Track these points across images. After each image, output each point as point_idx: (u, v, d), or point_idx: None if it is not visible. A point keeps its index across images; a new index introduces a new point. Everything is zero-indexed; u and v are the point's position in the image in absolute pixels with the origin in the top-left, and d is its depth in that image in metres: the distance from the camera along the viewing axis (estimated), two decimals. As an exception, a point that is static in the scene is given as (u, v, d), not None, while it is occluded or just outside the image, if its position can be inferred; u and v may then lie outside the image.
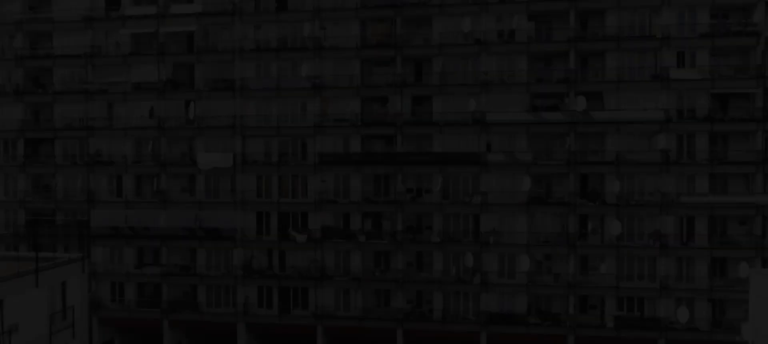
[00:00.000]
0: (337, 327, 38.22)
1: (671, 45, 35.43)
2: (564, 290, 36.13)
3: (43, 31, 41.78)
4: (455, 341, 37.44)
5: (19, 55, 41.37)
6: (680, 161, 35.60)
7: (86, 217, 39.01)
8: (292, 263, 38.91)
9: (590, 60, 37.10)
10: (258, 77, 39.17)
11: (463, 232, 37.59)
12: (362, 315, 37.57)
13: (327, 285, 38.17)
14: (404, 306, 37.26)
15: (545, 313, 36.38)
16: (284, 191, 39.24)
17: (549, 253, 36.98)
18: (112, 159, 40.85)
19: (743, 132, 35.41)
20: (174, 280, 39.86)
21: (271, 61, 39.05)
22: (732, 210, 35.18)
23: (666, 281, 35.18)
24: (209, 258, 39.80)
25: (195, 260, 39.90)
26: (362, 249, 38.01)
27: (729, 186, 35.82)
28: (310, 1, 38.42)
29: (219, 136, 39.54)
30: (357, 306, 37.77)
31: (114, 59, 40.50)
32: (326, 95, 38.47)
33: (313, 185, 38.65)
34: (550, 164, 36.55)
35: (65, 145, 41.43)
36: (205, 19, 39.44)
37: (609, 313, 35.68)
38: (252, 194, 39.31)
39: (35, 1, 42.39)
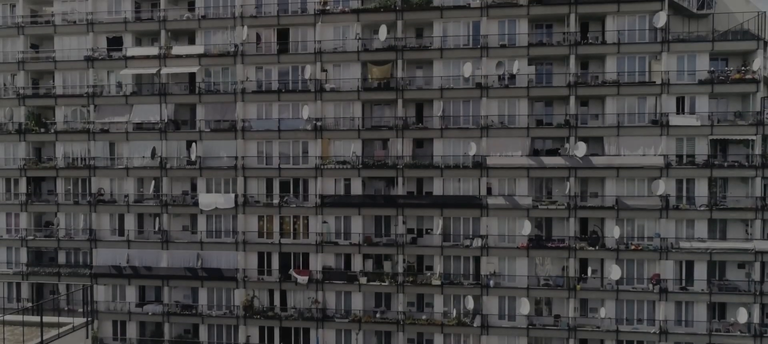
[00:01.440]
0: (338, 367, 38.45)
1: (671, 91, 35.64)
2: (564, 333, 36.34)
3: (45, 70, 41.95)
4: (456, 382, 37.65)
5: (21, 93, 41.53)
6: (680, 207, 35.82)
7: (89, 262, 39.23)
8: (293, 303, 39.10)
9: (591, 103, 37.29)
10: (259, 118, 39.33)
11: (464, 274, 37.81)
12: (363, 356, 37.79)
13: (328, 325, 38.36)
14: (405, 348, 37.47)
15: (545, 356, 36.58)
16: (286, 232, 39.44)
17: (549, 296, 37.19)
18: (114, 198, 41.05)
19: (742, 178, 35.65)
20: (176, 319, 40.02)
21: (273, 103, 39.22)
22: (731, 255, 35.41)
23: (665, 325, 35.41)
24: (211, 298, 39.99)
25: (197, 299, 40.09)
26: (363, 290, 38.20)
27: (728, 231, 36.06)
28: (312, 44, 38.61)
29: (221, 176, 39.70)
30: (358, 348, 37.99)
31: (116, 99, 40.65)
32: (327, 137, 38.65)
33: (314, 226, 38.84)
34: (551, 209, 36.75)
35: (67, 183, 41.58)
36: (206, 61, 39.61)
37: (609, 357, 35.90)
38: (253, 234, 39.52)
39: (37, 40, 42.58)
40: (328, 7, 38.48)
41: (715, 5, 40.47)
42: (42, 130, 41.59)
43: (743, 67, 35.74)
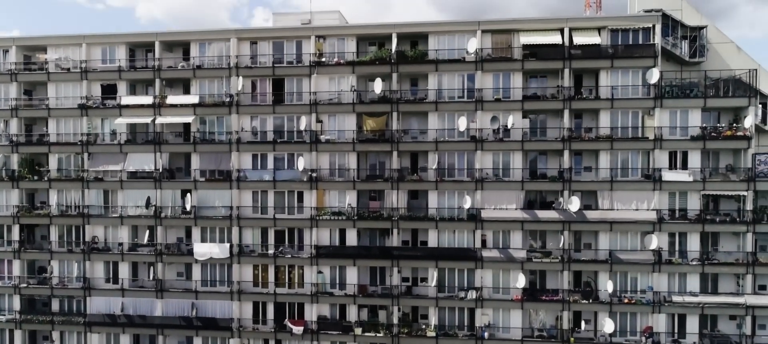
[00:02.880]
0: (333, 418, 38.48)
1: (664, 146, 35.97)
2: (558, 384, 36.57)
3: (39, 116, 41.76)
4: None
5: (14, 140, 41.33)
6: (672, 260, 36.13)
7: (83, 310, 38.96)
8: (288, 353, 39.12)
9: (584, 155, 37.53)
10: (254, 168, 39.33)
11: (458, 325, 37.96)
12: (358, 407, 37.85)
13: (323, 376, 38.43)
14: (400, 400, 37.58)
15: (539, 408, 36.80)
16: (281, 282, 39.46)
17: (543, 348, 37.40)
18: (108, 246, 40.91)
19: (734, 232, 36.02)
20: (170, 368, 39.93)
21: (268, 152, 39.22)
22: (723, 309, 35.76)
23: (658, 378, 35.73)
24: (205, 347, 39.97)
25: (191, 348, 40.05)
26: (358, 341, 38.24)
27: (720, 284, 36.43)
28: (307, 95, 38.67)
29: (216, 225, 39.66)
30: (353, 398, 38.05)
31: (110, 147, 40.53)
32: (323, 187, 38.70)
33: (309, 276, 38.90)
34: (545, 262, 36.98)
35: (61, 231, 41.42)
36: (201, 110, 39.57)
37: (602, 409, 36.18)
38: (248, 284, 39.52)
39: (30, 86, 42.38)
40: (323, 59, 38.55)
41: (707, 53, 40.96)
42: (35, 177, 41.37)
43: (735, 124, 36.12)
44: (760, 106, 40.64)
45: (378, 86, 37.36)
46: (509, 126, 36.67)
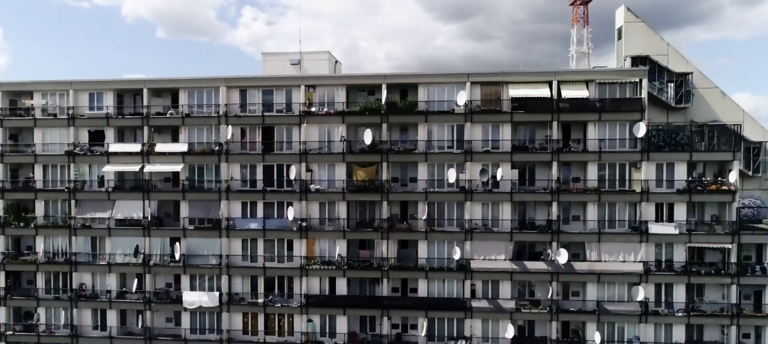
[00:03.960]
0: None
1: (650, 198, 36.44)
2: None
3: (25, 162, 41.36)
4: None
5: (0, 186, 40.90)
6: (659, 311, 36.61)
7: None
8: (278, 401, 39.11)
9: (573, 206, 37.88)
10: (244, 217, 39.25)
11: (448, 374, 38.18)
12: None
13: None
14: None
15: None
16: (270, 330, 39.41)
17: (532, 397, 37.73)
18: (96, 293, 40.61)
19: (719, 284, 36.58)
20: (159, 416, 39.74)
21: (258, 201, 39.16)
22: (708, 359, 36.37)
23: None
24: (195, 394, 39.79)
25: (180, 396, 39.85)
26: (348, 390, 38.35)
27: (705, 335, 36.98)
28: (297, 144, 38.67)
29: (205, 273, 39.55)
30: None
31: (98, 194, 40.24)
32: (312, 237, 38.73)
33: (299, 325, 38.90)
34: (533, 312, 37.30)
35: (48, 277, 41.04)
36: (190, 158, 39.42)
37: None
38: (238, 332, 39.42)
39: (15, 130, 41.93)
40: (313, 109, 38.56)
41: (693, 98, 41.57)
42: (21, 224, 40.96)
43: (720, 178, 36.67)
44: (745, 151, 41.69)
45: (368, 138, 37.44)
46: (498, 178, 36.92)
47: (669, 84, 41.44)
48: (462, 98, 36.95)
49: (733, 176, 35.62)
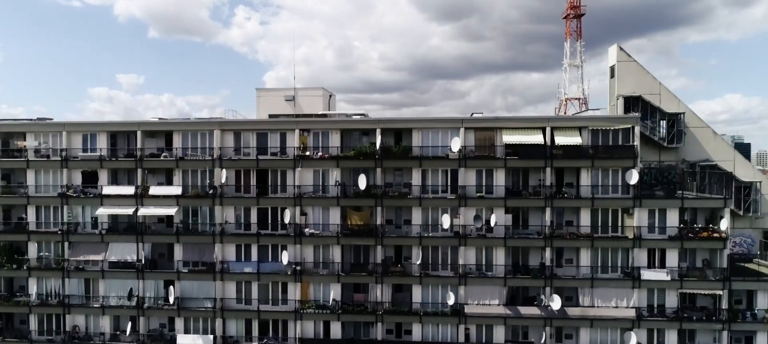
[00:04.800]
0: None
1: (643, 244, 36.70)
2: None
3: (18, 204, 41.15)
4: None
5: (-8, 228, 40.70)
6: (651, 356, 36.90)
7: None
8: None
9: (566, 249, 38.09)
10: (238, 260, 39.23)
11: (443, 418, 38.32)
12: None
13: None
14: None
15: None
16: (265, 373, 39.42)
17: None
18: (89, 335, 40.45)
19: (711, 330, 36.88)
20: None
21: (252, 244, 39.15)
22: (699, 404, 36.65)
23: None
24: None
25: None
26: None
27: (697, 379, 37.29)
28: (291, 188, 38.68)
29: (199, 315, 39.50)
30: None
31: (91, 236, 40.10)
32: (307, 280, 38.78)
33: (293, 368, 38.92)
34: (527, 357, 37.54)
35: (41, 319, 40.85)
36: (184, 201, 39.36)
37: None
38: (232, 375, 39.44)
39: (8, 171, 41.69)
40: (307, 153, 38.60)
41: (684, 138, 41.96)
42: (14, 266, 40.75)
43: (711, 225, 37.00)
44: (736, 190, 42.10)
45: (362, 183, 37.50)
46: (492, 223, 37.08)
47: (661, 122, 41.90)
48: (456, 144, 37.08)
49: (724, 224, 35.94)
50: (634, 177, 36.22)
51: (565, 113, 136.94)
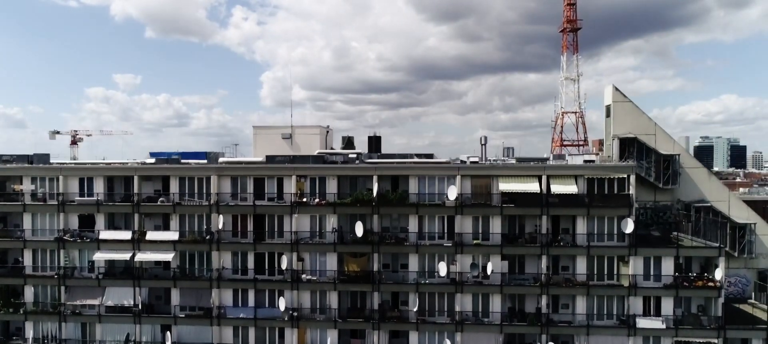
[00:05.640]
0: None
1: (638, 292, 36.89)
2: None
3: (14, 247, 41.09)
4: None
5: (-12, 271, 40.64)
6: (646, 404, 37.10)
7: None
8: None
9: (561, 297, 38.27)
10: (235, 305, 39.28)
11: None
12: None
13: None
14: None
15: None
16: (262, 417, 39.48)
17: None
18: (86, 379, 40.49)
19: (705, 377, 37.11)
20: None
21: (249, 289, 39.20)
22: None
23: None
24: None
25: None
26: None
27: None
28: (288, 234, 38.74)
29: (196, 360, 39.55)
30: None
31: (88, 281, 40.08)
32: (304, 326, 38.84)
33: (290, 413, 39.01)
34: (523, 404, 37.68)
35: (37, 362, 40.85)
36: (181, 246, 39.37)
37: None
38: (229, 419, 39.50)
39: (3, 214, 41.62)
40: (304, 199, 38.67)
41: (680, 178, 42.21)
42: (10, 310, 40.70)
43: (705, 274, 37.22)
44: (731, 231, 42.34)
45: (359, 230, 37.58)
46: (489, 271, 37.21)
47: (657, 162, 42.14)
48: (453, 192, 37.21)
49: (718, 273, 36.13)
50: (629, 226, 36.40)
51: (561, 128, 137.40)
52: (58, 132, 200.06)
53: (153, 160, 42.98)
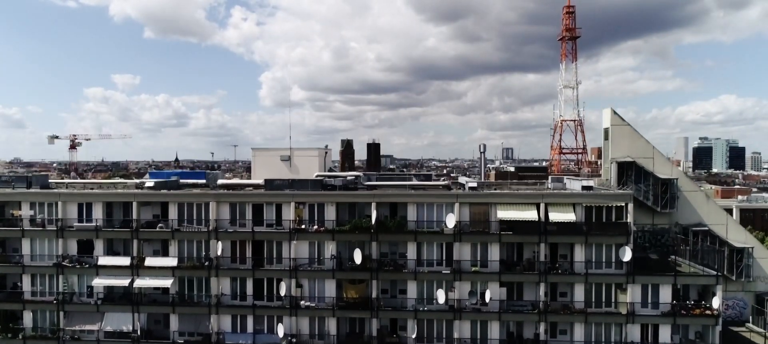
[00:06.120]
0: None
1: (636, 320, 36.98)
2: None
3: (12, 273, 41.12)
4: None
5: (-13, 296, 40.66)
6: None
7: None
8: None
9: (560, 324, 38.34)
10: (234, 331, 39.31)
11: None
12: None
13: None
14: None
15: None
16: None
17: None
18: (85, 404, 40.52)
19: (703, 404, 37.26)
20: None
21: (248, 315, 39.25)
22: None
23: None
24: None
25: None
26: None
27: None
28: (288, 261, 38.80)
29: (195, 385, 39.59)
30: None
31: (86, 306, 40.12)
32: (303, 352, 38.94)
33: None
34: None
35: (36, 387, 40.89)
36: (180, 272, 39.42)
37: None
38: None
39: (3, 239, 41.63)
40: (303, 226, 38.72)
41: (678, 202, 42.38)
42: (9, 335, 40.73)
43: (703, 303, 37.32)
44: (729, 254, 42.50)
45: (358, 257, 37.66)
46: (487, 298, 37.29)
47: (654, 186, 42.28)
48: (451, 220, 37.29)
49: (715, 302, 36.24)
50: (627, 254, 36.50)
51: (560, 136, 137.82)
52: (56, 137, 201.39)
53: (152, 182, 43.03)
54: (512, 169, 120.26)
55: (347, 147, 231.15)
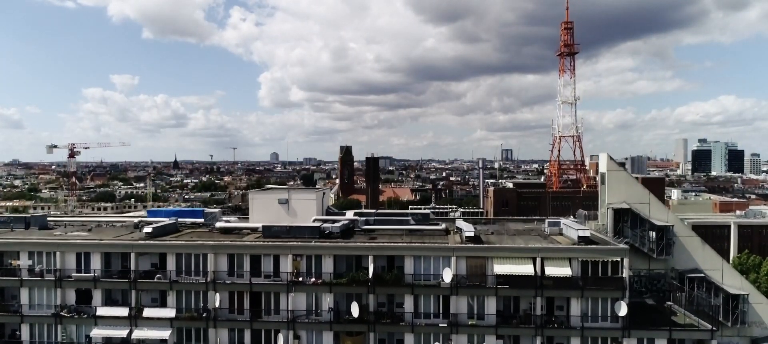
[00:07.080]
0: None
1: (632, 358, 37.20)
2: None
3: (10, 322, 41.26)
4: None
5: (-14, 346, 40.80)
6: None
7: None
8: None
9: (556, 339, 38.52)
10: (232, 382, 39.54)
11: None
12: None
13: None
14: None
15: None
16: None
17: None
18: None
19: None
20: None
21: (246, 367, 39.45)
22: None
23: None
24: None
25: None
26: None
27: None
28: (285, 312, 38.97)
29: None
30: None
31: (86, 359, 40.29)
32: (300, 403, 39.11)
33: None
34: None
35: None
36: (178, 323, 39.57)
37: None
38: None
39: (1, 289, 41.73)
40: (300, 278, 38.90)
41: (673, 248, 42.49)
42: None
43: (699, 355, 37.57)
44: (725, 300, 42.64)
45: (355, 310, 37.83)
46: (485, 351, 37.52)
47: (650, 232, 42.39)
48: (448, 274, 37.47)
49: (712, 355, 36.49)
50: (623, 309, 36.68)
51: (559, 151, 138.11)
52: (55, 146, 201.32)
53: (151, 228, 43.24)
54: (511, 185, 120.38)
55: (346, 154, 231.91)
